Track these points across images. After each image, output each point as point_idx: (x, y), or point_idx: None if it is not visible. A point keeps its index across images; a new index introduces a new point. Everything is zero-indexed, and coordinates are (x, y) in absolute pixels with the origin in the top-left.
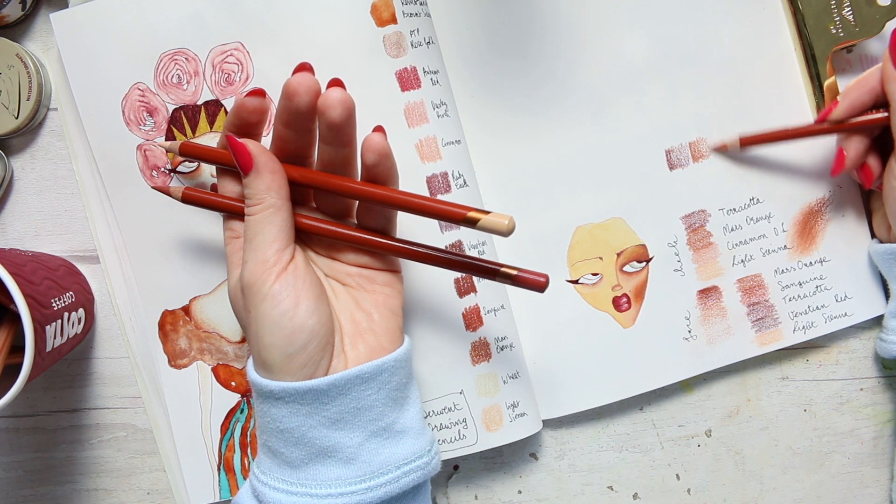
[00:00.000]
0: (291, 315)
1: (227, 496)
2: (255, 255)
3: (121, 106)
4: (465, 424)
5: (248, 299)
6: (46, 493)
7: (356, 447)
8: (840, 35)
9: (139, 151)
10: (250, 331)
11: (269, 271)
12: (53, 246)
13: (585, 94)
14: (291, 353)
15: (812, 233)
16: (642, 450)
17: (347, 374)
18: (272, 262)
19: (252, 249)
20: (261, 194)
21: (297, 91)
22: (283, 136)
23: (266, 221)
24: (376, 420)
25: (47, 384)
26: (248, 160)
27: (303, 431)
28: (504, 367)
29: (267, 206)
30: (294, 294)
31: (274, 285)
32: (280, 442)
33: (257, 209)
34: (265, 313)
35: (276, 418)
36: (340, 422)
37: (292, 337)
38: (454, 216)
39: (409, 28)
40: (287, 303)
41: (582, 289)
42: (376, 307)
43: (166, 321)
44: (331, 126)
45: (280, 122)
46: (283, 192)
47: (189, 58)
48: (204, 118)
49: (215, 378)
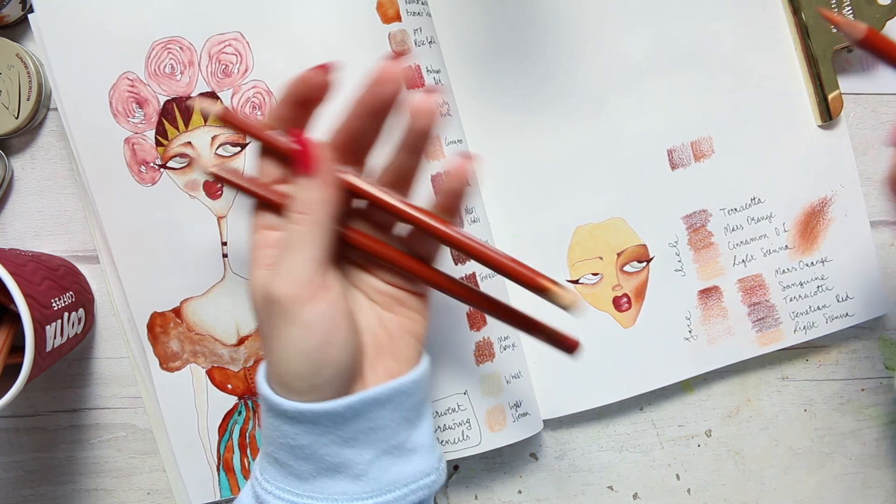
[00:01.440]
0: (322, 349)
1: (228, 495)
2: (290, 269)
3: (108, 96)
4: (468, 425)
5: (275, 317)
6: (46, 493)
7: (366, 464)
8: (840, 35)
9: (127, 144)
10: (271, 347)
11: (305, 293)
12: (53, 246)
13: (586, 93)
14: (316, 384)
15: (813, 233)
16: (642, 450)
17: (365, 396)
18: (308, 283)
19: (288, 263)
20: (313, 205)
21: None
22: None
23: (310, 237)
24: (388, 439)
25: (47, 384)
26: (312, 164)
27: (314, 449)
28: (507, 367)
29: (316, 221)
30: (327, 326)
31: (307, 312)
32: (288, 456)
33: (305, 220)
34: (294, 341)
35: (287, 434)
36: (353, 440)
37: (320, 370)
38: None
39: (412, 27)
40: (319, 336)
41: (582, 289)
42: (400, 332)
43: (155, 323)
44: (420, 133)
45: (358, 112)
46: (335, 209)
47: (183, 47)
48: (198, 111)
49: (210, 381)
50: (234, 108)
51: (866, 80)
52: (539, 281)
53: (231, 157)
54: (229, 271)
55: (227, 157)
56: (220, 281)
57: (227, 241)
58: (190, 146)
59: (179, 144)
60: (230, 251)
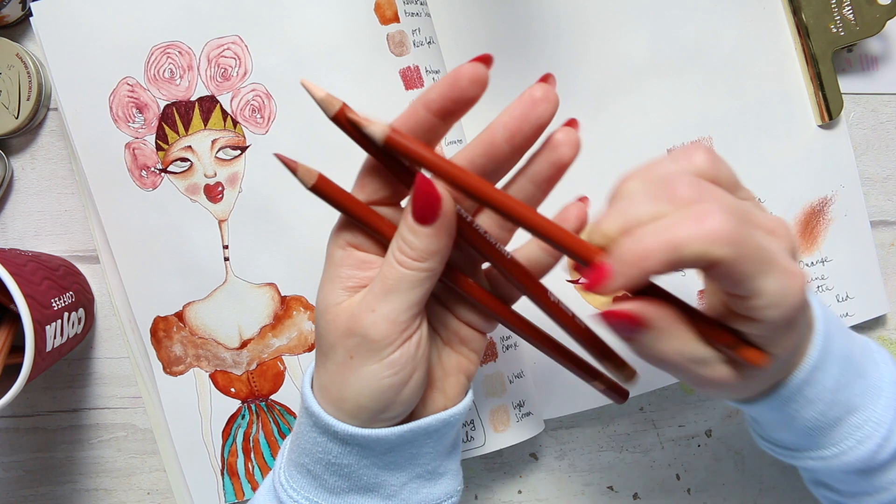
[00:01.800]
0: (398, 389)
1: (232, 500)
2: (388, 311)
3: (108, 102)
4: (472, 426)
5: (358, 351)
6: (46, 493)
7: (399, 486)
8: (840, 34)
9: (127, 149)
10: (342, 375)
11: (396, 335)
12: (53, 246)
13: (586, 93)
14: (381, 419)
15: (814, 233)
16: (642, 450)
17: (416, 427)
18: (402, 328)
19: (386, 302)
20: (425, 254)
21: (546, 98)
22: (493, 157)
23: (416, 284)
24: (425, 465)
25: (47, 384)
26: (434, 213)
27: (354, 469)
28: (510, 367)
29: (425, 270)
30: (411, 368)
31: (395, 353)
32: (324, 470)
33: (414, 266)
34: (373, 377)
35: (330, 452)
36: (393, 464)
37: (390, 407)
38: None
39: (411, 27)
40: (400, 377)
41: (582, 289)
42: (456, 371)
43: (159, 328)
44: (559, 166)
45: (506, 134)
46: (446, 259)
47: (182, 51)
48: (198, 115)
49: (214, 385)
50: (234, 112)
51: (866, 80)
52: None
53: (231, 160)
54: (231, 274)
55: (227, 161)
56: (222, 284)
57: (228, 244)
58: (190, 150)
59: (180, 149)
60: (231, 254)
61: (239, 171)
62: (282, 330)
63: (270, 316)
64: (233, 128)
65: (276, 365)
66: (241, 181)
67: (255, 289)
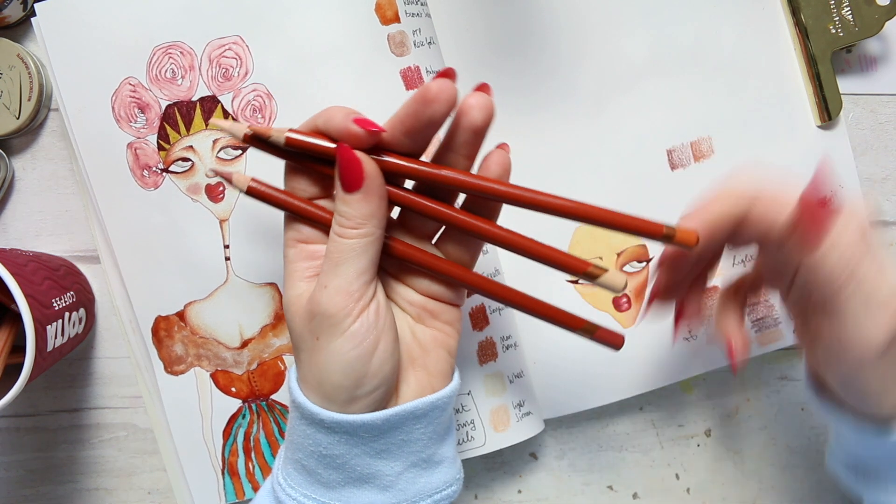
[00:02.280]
0: (367, 360)
1: (233, 500)
2: (339, 283)
3: (110, 102)
4: (472, 426)
5: (321, 330)
6: (47, 493)
7: (395, 476)
8: (839, 35)
9: (129, 149)
10: (314, 359)
11: (352, 306)
12: (54, 246)
13: (586, 93)
14: (357, 396)
15: None
16: (642, 450)
17: (402, 410)
18: (356, 297)
19: (336, 276)
20: (361, 219)
21: (437, 98)
22: (394, 144)
23: (360, 251)
24: (419, 452)
25: (48, 384)
26: (358, 178)
27: (346, 459)
28: (510, 366)
29: (366, 234)
30: (374, 336)
31: (354, 323)
32: (318, 464)
33: (354, 234)
34: (339, 351)
35: (320, 444)
36: (385, 452)
37: (363, 381)
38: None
39: (411, 28)
40: (366, 346)
41: (582, 289)
42: (434, 346)
43: (160, 327)
44: (471, 130)
45: (402, 129)
46: (384, 222)
47: (184, 51)
48: (199, 115)
49: (214, 384)
50: (235, 112)
51: (865, 81)
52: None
53: (232, 160)
54: (232, 274)
55: (229, 161)
56: (223, 284)
57: (229, 244)
58: (192, 150)
59: (181, 148)
60: (232, 254)
61: (240, 170)
62: (282, 329)
63: (271, 315)
64: None
65: (277, 364)
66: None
67: (256, 288)
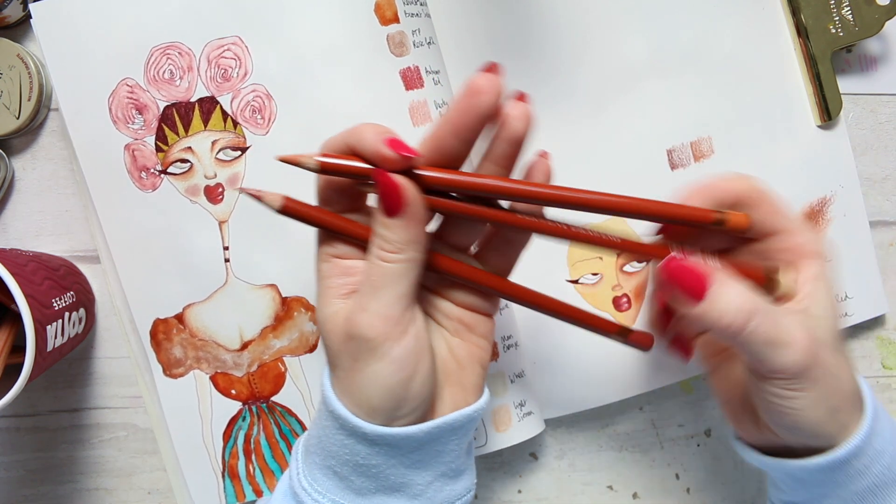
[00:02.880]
0: (406, 385)
1: (233, 502)
2: (378, 307)
3: (107, 103)
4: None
5: (359, 353)
6: (47, 493)
7: (425, 485)
8: (839, 35)
9: (127, 151)
10: (352, 379)
11: (392, 330)
12: (54, 246)
13: (586, 93)
14: (396, 416)
15: None
16: (642, 449)
17: (443, 423)
18: (396, 321)
19: (376, 300)
20: (402, 244)
21: (484, 90)
22: (444, 149)
23: (400, 276)
24: (450, 463)
25: (48, 384)
26: (398, 204)
27: (381, 469)
28: (511, 366)
29: (406, 260)
30: (413, 363)
31: (394, 348)
32: (351, 472)
33: (395, 258)
34: (379, 376)
35: (357, 453)
36: (419, 462)
37: (403, 404)
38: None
39: (410, 28)
40: (405, 373)
41: (582, 289)
42: (470, 360)
43: (158, 330)
44: (512, 140)
45: (450, 128)
46: (425, 245)
47: (182, 52)
48: (198, 116)
49: (214, 387)
50: (234, 113)
51: (865, 81)
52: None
53: (231, 161)
54: (231, 276)
55: (228, 162)
56: (223, 286)
57: (228, 245)
58: (190, 151)
59: (180, 150)
60: (232, 256)
61: (239, 171)
62: (283, 331)
63: (271, 317)
64: (233, 129)
65: (277, 366)
66: (241, 182)
67: (256, 290)
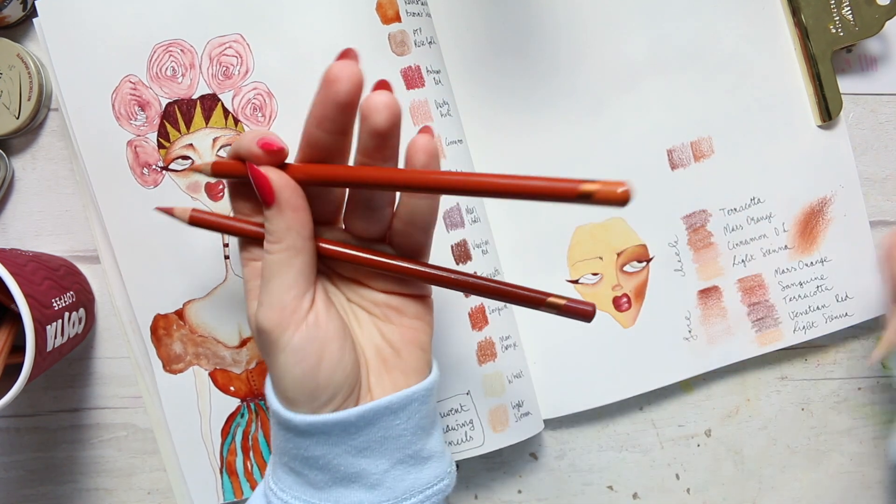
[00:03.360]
0: (314, 374)
1: (231, 498)
2: (271, 299)
3: (111, 99)
4: (471, 426)
5: (266, 346)
6: (47, 493)
7: (381, 474)
8: (840, 35)
9: (129, 147)
10: (272, 372)
11: (287, 320)
12: (54, 246)
13: (586, 93)
14: (317, 405)
15: (813, 233)
16: (642, 450)
17: (376, 405)
18: (290, 310)
19: (268, 292)
20: (280, 232)
21: (338, 77)
22: (312, 142)
23: (284, 264)
24: (404, 448)
25: (48, 384)
26: (269, 193)
27: (328, 459)
28: (509, 367)
29: (287, 248)
30: (316, 350)
31: (293, 338)
32: (302, 466)
33: (276, 248)
34: (285, 367)
35: (300, 446)
36: (367, 450)
37: (316, 392)
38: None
39: (412, 27)
40: (309, 361)
41: (582, 289)
42: (404, 344)
43: (159, 325)
44: (374, 134)
45: (314, 120)
46: (306, 232)
47: (184, 49)
48: (199, 113)
49: (213, 383)
50: (235, 110)
51: (865, 80)
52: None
53: None
54: (231, 273)
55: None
56: (222, 283)
57: (228, 242)
58: (191, 148)
59: (181, 146)
60: (232, 253)
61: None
62: None
63: None
64: (234, 126)
65: None
66: None
67: None
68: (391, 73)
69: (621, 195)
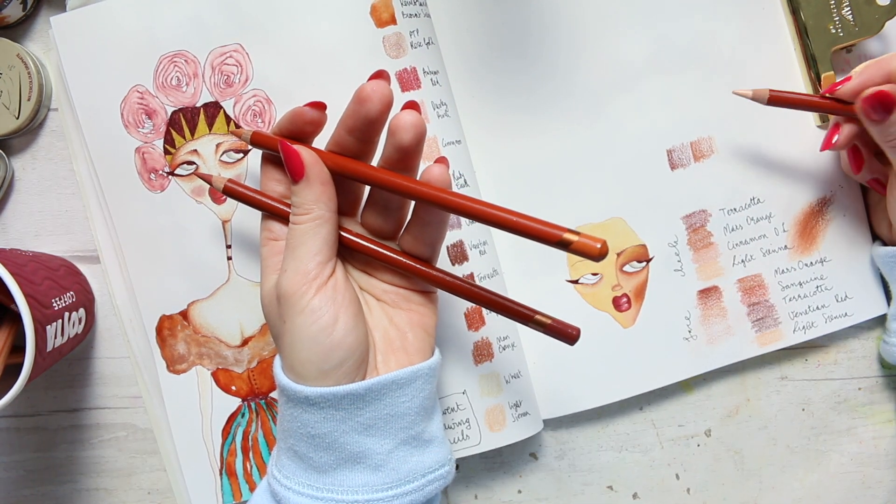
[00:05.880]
0: (329, 332)
1: (230, 500)
2: (296, 265)
3: (119, 108)
4: (468, 425)
5: (285, 310)
6: (47, 493)
7: (385, 454)
8: (839, 35)
9: (137, 154)
10: (284, 341)
11: (310, 284)
12: (54, 246)
13: (585, 93)
14: (327, 370)
15: (813, 233)
16: (642, 450)
17: (384, 379)
18: (313, 275)
19: (293, 259)
20: (309, 204)
21: (370, 97)
22: (342, 142)
23: (311, 233)
24: (407, 428)
25: (48, 384)
26: (299, 168)
27: (335, 437)
28: (506, 367)
29: (314, 218)
30: (333, 310)
31: (313, 300)
32: (308, 446)
33: (304, 219)
34: (302, 327)
35: (307, 423)
36: (373, 427)
37: (329, 354)
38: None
39: (408, 29)
40: (326, 319)
41: (582, 289)
42: (410, 326)
43: (164, 326)
44: (399, 149)
45: (344, 126)
46: (332, 205)
47: (188, 60)
48: (203, 120)
49: (215, 383)
50: (237, 116)
51: None
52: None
53: (234, 163)
54: (233, 273)
55: (231, 164)
56: (225, 283)
57: (231, 244)
58: (196, 153)
59: (186, 152)
60: (234, 254)
61: (242, 173)
62: None
63: None
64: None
65: None
66: (244, 182)
67: (257, 287)
68: None
69: (598, 251)
